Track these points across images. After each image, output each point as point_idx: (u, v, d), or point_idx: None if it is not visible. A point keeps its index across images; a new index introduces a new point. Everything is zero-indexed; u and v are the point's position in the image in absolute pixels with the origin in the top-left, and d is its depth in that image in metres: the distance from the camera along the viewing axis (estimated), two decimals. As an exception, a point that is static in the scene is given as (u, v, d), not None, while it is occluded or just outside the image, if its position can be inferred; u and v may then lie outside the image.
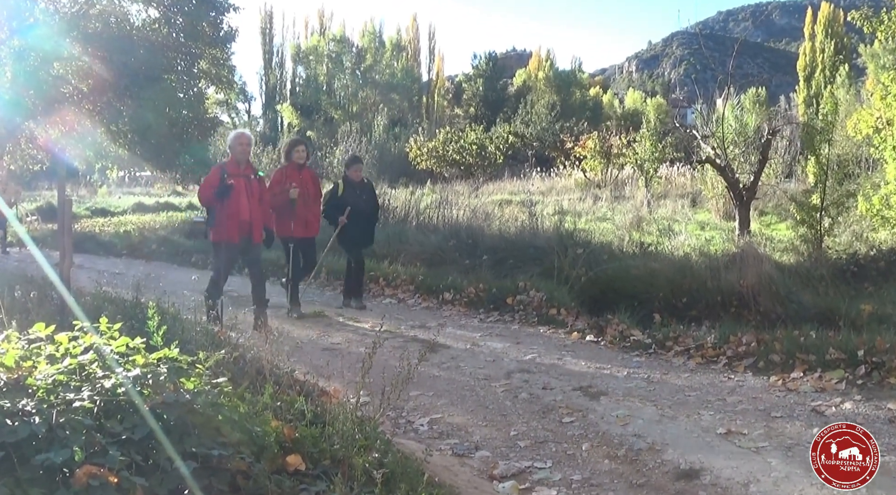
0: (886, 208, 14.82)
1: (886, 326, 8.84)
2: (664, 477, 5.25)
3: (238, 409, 3.60)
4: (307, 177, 11.94)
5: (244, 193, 10.07)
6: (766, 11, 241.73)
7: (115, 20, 24.64)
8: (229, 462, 3.25)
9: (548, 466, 5.50)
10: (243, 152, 10.43)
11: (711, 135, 19.17)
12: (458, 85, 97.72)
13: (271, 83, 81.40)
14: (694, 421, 6.39)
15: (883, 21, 15.22)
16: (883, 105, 16.53)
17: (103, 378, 3.39)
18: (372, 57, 77.33)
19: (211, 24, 26.07)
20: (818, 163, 15.30)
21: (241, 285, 14.08)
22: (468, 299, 11.99)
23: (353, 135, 47.80)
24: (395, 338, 9.59)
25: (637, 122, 53.95)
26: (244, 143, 10.49)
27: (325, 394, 5.76)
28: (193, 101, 27.07)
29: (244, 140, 10.55)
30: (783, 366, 7.80)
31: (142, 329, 4.66)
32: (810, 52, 73.42)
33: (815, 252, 14.19)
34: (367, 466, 3.81)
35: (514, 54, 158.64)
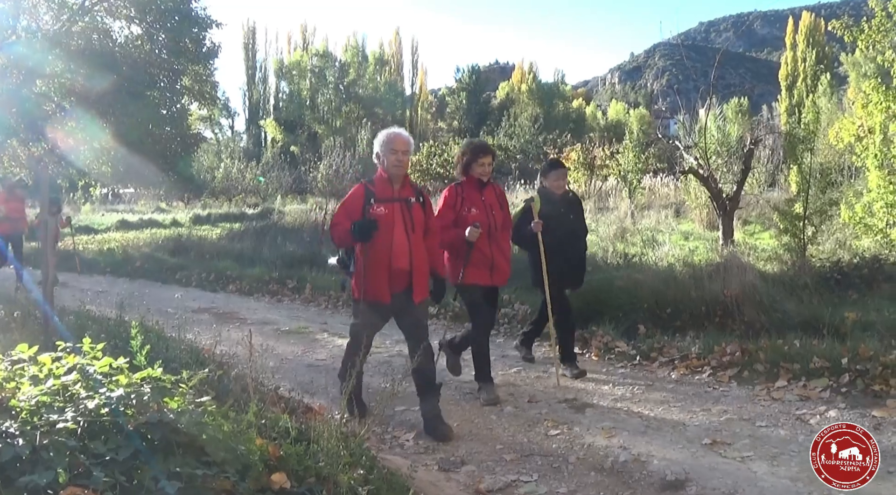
0: (869, 216, 14.86)
1: (870, 334, 8.87)
2: (650, 489, 5.26)
3: (222, 428, 3.59)
4: (492, 199, 8.09)
5: (400, 226, 6.76)
6: (748, 21, 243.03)
7: (98, 37, 24.71)
8: (214, 481, 3.25)
9: (534, 479, 5.50)
10: (399, 164, 6.85)
11: (694, 145, 19.22)
12: (442, 98, 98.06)
13: (254, 98, 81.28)
14: (679, 431, 6.41)
15: (864, 30, 15.28)
16: (865, 113, 16.59)
17: (87, 398, 3.38)
18: (355, 71, 77.43)
19: (193, 41, 26.15)
20: (800, 172, 15.34)
21: (224, 301, 14.09)
22: (453, 313, 11.96)
23: (337, 150, 47.77)
24: (380, 354, 9.58)
25: (620, 133, 54.09)
26: (400, 149, 6.87)
27: (311, 411, 5.76)
28: (176, 117, 27.15)
29: (400, 144, 6.89)
30: (767, 376, 7.82)
31: (126, 348, 4.66)
32: (792, 62, 73.88)
33: (798, 260, 14.20)
34: (353, 483, 3.81)
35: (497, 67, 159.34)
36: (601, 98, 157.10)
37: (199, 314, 12.61)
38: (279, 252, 18.96)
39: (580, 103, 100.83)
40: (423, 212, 7.06)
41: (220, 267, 17.78)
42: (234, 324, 10.96)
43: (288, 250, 19.15)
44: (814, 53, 71.45)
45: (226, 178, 51.17)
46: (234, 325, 10.84)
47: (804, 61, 71.98)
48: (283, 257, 18.08)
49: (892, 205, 14.32)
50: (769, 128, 33.21)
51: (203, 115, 53.36)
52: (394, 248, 6.70)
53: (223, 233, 27.35)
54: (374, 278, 6.72)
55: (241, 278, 16.68)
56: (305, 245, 19.44)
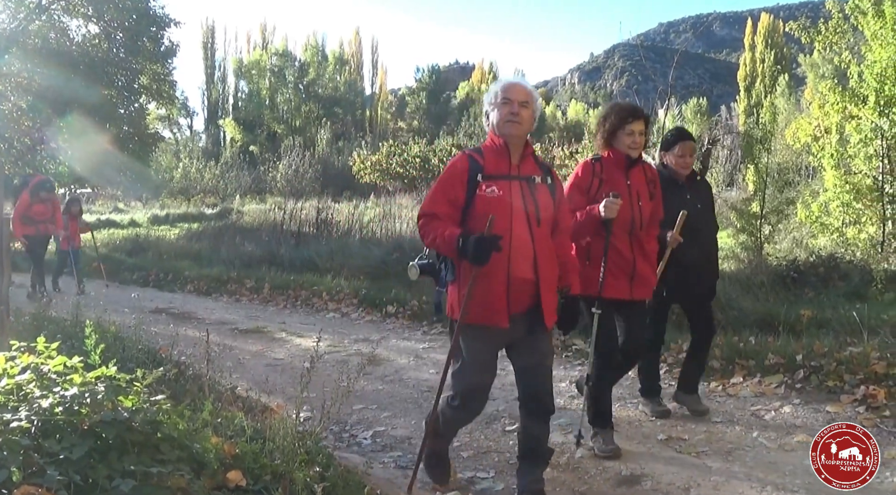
0: (825, 215, 15.05)
1: (825, 331, 8.98)
2: (606, 484, 5.29)
3: (177, 426, 3.59)
4: (640, 183, 5.89)
5: (521, 216, 4.58)
6: (707, 23, 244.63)
7: (55, 36, 24.52)
8: (169, 479, 3.25)
9: (490, 476, 5.51)
10: (514, 119, 4.61)
11: (653, 145, 19.37)
12: (402, 98, 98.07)
13: (213, 98, 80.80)
14: (635, 427, 6.45)
15: (821, 31, 15.49)
16: (821, 113, 16.84)
17: (41, 398, 3.37)
18: (315, 71, 77.14)
19: (152, 40, 25.99)
20: (758, 172, 15.50)
21: (182, 301, 14.01)
22: (412, 312, 11.99)
23: (297, 150, 47.69)
24: (338, 353, 9.58)
25: (580, 133, 54.46)
26: (517, 99, 4.65)
27: (268, 410, 5.76)
28: (134, 116, 26.97)
29: (517, 93, 4.69)
30: (723, 372, 7.88)
31: (81, 348, 4.65)
32: (751, 63, 74.62)
33: (755, 259, 14.33)
34: (308, 480, 3.82)
35: (458, 67, 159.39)
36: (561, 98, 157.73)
37: (156, 314, 12.53)
38: (237, 252, 18.90)
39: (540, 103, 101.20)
40: (553, 198, 4.79)
41: (177, 267, 17.71)
42: (192, 323, 10.92)
43: (246, 250, 19.10)
44: (772, 54, 72.19)
45: (184, 178, 50.93)
46: (191, 325, 10.79)
47: (763, 62, 72.73)
48: (241, 257, 18.04)
49: (847, 205, 14.52)
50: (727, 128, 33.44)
51: (161, 114, 52.98)
52: (513, 248, 4.52)
53: (181, 233, 27.19)
54: (485, 293, 4.53)
55: (199, 278, 16.61)
56: (264, 245, 19.38)
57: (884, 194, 14.11)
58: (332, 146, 60.13)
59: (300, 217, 21.19)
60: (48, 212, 14.94)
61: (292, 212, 21.48)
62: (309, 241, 19.09)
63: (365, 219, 21.00)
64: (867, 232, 14.43)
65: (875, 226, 14.31)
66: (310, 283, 14.19)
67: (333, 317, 12.63)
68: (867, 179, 14.50)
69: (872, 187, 14.36)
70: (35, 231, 14.81)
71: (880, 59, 13.83)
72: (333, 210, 22.50)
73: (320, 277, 14.67)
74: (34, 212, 14.68)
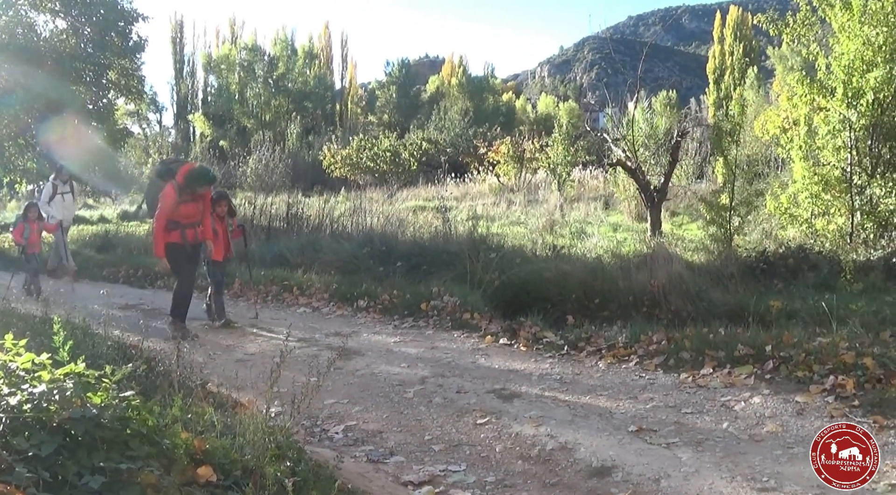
0: (794, 206, 15.16)
1: (795, 322, 9.08)
2: (577, 476, 5.33)
3: (146, 422, 3.58)
4: None
5: None
6: (676, 15, 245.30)
7: (22, 31, 24.30)
8: (139, 475, 3.24)
9: (462, 469, 5.55)
10: None
11: (623, 138, 19.47)
12: (372, 92, 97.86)
13: (182, 93, 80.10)
14: (606, 419, 6.50)
15: (789, 24, 15.58)
16: (790, 105, 16.95)
17: (9, 395, 3.35)
18: (284, 65, 76.73)
19: (119, 34, 25.83)
20: (726, 164, 15.62)
21: (152, 297, 13.93)
22: (383, 306, 11.98)
23: (267, 144, 47.47)
24: (309, 347, 9.57)
25: (550, 126, 54.46)
26: None
27: (239, 405, 5.75)
28: (103, 112, 26.77)
29: None
30: (693, 363, 7.92)
31: (50, 345, 4.63)
32: (720, 55, 74.85)
33: (725, 250, 14.45)
34: (279, 475, 3.82)
35: (427, 61, 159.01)
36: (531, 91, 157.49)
37: (126, 310, 12.47)
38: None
39: (510, 97, 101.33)
40: None
41: (148, 263, 17.57)
42: (162, 319, 10.85)
43: (217, 245, 19.01)
44: (741, 47, 72.38)
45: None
46: (161, 321, 10.73)
47: (732, 55, 72.89)
48: (212, 252, 17.96)
49: (816, 196, 14.64)
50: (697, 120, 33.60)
51: (130, 109, 52.64)
52: None
53: (151, 229, 27.06)
54: None
55: (168, 274, 16.51)
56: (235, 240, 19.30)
57: (852, 185, 14.22)
58: (302, 140, 59.95)
59: (270, 212, 21.09)
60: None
61: (262, 207, 21.38)
62: (279, 236, 19.02)
63: (335, 213, 20.97)
64: (836, 223, 14.55)
65: (843, 216, 14.42)
66: (280, 278, 14.14)
67: (304, 312, 12.59)
68: (835, 171, 14.60)
69: (841, 178, 14.47)
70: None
71: (848, 51, 13.94)
72: (304, 204, 22.42)
73: (291, 272, 14.62)
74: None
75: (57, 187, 17.03)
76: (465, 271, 12.52)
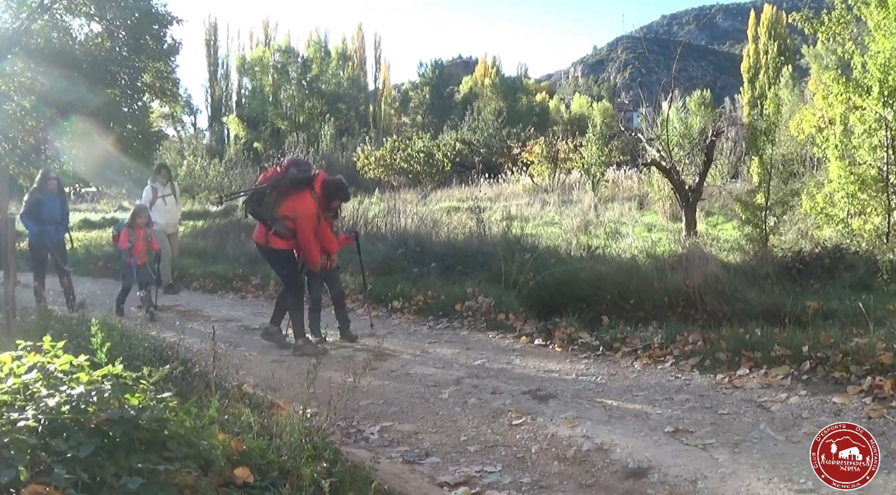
0: (830, 206, 15.03)
1: (831, 322, 8.99)
2: (613, 477, 5.30)
3: (184, 423, 3.59)
4: None
5: None
6: (710, 14, 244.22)
7: (58, 35, 24.52)
8: (176, 476, 3.25)
9: (498, 470, 5.53)
10: None
11: (657, 137, 19.35)
12: (405, 93, 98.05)
13: (217, 95, 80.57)
14: (642, 420, 6.45)
15: (824, 22, 15.44)
16: (825, 104, 16.79)
17: (47, 397, 3.37)
18: (318, 67, 76.92)
19: (154, 38, 25.99)
20: (762, 163, 15.50)
21: (187, 298, 14.01)
22: (417, 307, 11.98)
23: (301, 146, 47.60)
24: (344, 348, 9.59)
25: (583, 126, 54.32)
26: None
27: (275, 406, 5.77)
28: (138, 115, 26.97)
29: None
30: (729, 364, 7.85)
31: (88, 347, 4.65)
32: (754, 54, 74.25)
33: (760, 250, 14.35)
34: (316, 476, 3.83)
35: (461, 61, 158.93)
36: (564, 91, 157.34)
37: (162, 312, 12.56)
38: (243, 249, 18.84)
39: (543, 97, 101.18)
40: None
41: (183, 264, 17.67)
42: (198, 321, 10.92)
43: (252, 247, 19.01)
44: (775, 46, 71.76)
45: (189, 176, 50.85)
46: (197, 322, 10.80)
47: (766, 53, 72.28)
48: (246, 254, 17.97)
49: (852, 196, 14.51)
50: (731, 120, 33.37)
51: (165, 112, 52.92)
52: None
53: (186, 230, 27.14)
54: None
55: (204, 276, 16.59)
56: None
57: (888, 184, 14.09)
58: (335, 142, 60.02)
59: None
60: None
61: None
62: (314, 238, 19.01)
63: (369, 214, 20.96)
64: (872, 222, 14.42)
65: (880, 216, 14.29)
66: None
67: (339, 313, 12.60)
68: (872, 170, 14.47)
69: (877, 178, 14.34)
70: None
71: (884, 49, 13.79)
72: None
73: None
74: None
75: (157, 190, 15.59)
76: (500, 272, 12.49)
